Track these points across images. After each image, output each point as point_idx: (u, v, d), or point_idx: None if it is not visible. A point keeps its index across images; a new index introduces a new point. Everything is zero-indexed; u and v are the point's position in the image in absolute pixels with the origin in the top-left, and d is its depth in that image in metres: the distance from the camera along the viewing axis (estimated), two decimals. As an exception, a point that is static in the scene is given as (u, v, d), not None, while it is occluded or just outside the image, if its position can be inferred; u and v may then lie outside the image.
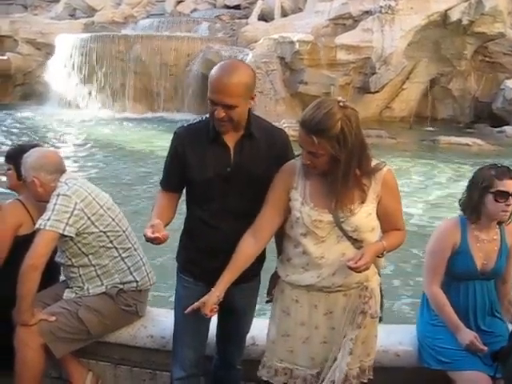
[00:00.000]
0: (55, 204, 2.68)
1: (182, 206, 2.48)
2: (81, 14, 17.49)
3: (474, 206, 2.64)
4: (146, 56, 13.10)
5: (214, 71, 2.23)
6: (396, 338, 2.80)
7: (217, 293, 2.24)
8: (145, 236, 2.19)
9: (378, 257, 2.25)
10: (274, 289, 2.41)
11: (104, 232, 2.79)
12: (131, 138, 10.54)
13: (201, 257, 2.37)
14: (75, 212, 2.69)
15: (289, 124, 10.15)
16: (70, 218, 2.67)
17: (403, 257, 4.68)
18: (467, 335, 2.57)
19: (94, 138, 10.51)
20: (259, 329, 2.62)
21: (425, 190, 7.53)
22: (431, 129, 12.17)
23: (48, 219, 2.65)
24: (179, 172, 2.38)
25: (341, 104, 2.07)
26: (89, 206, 2.75)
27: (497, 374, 2.51)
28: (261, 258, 2.50)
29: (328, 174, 2.15)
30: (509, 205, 2.58)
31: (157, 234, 2.16)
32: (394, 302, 4.03)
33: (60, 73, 13.69)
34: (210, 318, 2.50)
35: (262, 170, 2.33)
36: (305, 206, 2.19)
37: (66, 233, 2.67)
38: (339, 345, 2.26)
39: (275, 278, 2.40)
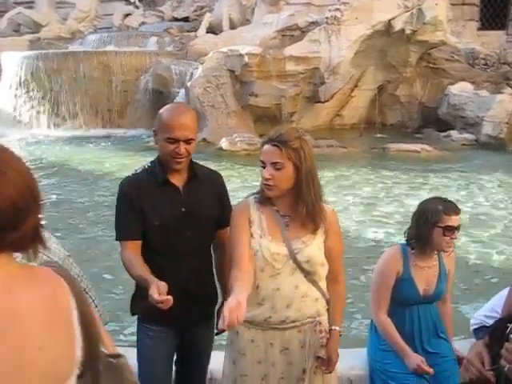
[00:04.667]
0: None
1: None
2: (25, 29, 17.20)
3: (422, 238, 2.76)
4: (95, 72, 12.97)
5: (168, 113, 2.37)
6: (348, 363, 2.89)
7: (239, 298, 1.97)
8: (152, 298, 2.09)
9: None
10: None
11: None
12: (83, 157, 10.38)
13: None
14: None
15: (241, 138, 10.24)
16: None
17: (354, 273, 4.78)
18: (414, 359, 2.69)
19: (44, 159, 10.33)
20: (216, 363, 2.65)
21: (375, 201, 7.67)
22: (381, 135, 12.42)
23: None
24: (139, 218, 2.39)
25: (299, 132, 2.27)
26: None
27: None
28: (216, 296, 2.61)
29: (286, 195, 2.25)
30: (454, 238, 2.73)
31: (164, 297, 2.08)
32: (346, 321, 4.11)
33: (7, 92, 13.43)
34: (171, 367, 2.57)
35: (210, 208, 2.48)
36: (263, 239, 2.26)
37: None
38: (297, 380, 2.34)
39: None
